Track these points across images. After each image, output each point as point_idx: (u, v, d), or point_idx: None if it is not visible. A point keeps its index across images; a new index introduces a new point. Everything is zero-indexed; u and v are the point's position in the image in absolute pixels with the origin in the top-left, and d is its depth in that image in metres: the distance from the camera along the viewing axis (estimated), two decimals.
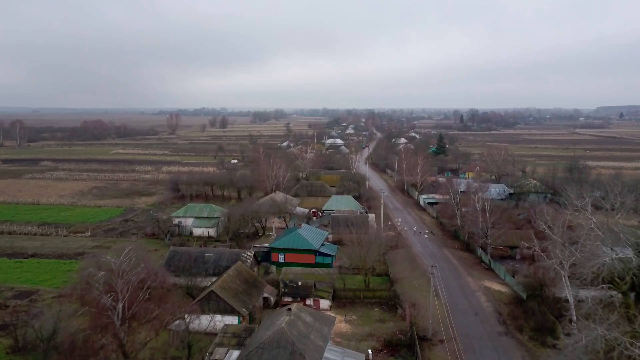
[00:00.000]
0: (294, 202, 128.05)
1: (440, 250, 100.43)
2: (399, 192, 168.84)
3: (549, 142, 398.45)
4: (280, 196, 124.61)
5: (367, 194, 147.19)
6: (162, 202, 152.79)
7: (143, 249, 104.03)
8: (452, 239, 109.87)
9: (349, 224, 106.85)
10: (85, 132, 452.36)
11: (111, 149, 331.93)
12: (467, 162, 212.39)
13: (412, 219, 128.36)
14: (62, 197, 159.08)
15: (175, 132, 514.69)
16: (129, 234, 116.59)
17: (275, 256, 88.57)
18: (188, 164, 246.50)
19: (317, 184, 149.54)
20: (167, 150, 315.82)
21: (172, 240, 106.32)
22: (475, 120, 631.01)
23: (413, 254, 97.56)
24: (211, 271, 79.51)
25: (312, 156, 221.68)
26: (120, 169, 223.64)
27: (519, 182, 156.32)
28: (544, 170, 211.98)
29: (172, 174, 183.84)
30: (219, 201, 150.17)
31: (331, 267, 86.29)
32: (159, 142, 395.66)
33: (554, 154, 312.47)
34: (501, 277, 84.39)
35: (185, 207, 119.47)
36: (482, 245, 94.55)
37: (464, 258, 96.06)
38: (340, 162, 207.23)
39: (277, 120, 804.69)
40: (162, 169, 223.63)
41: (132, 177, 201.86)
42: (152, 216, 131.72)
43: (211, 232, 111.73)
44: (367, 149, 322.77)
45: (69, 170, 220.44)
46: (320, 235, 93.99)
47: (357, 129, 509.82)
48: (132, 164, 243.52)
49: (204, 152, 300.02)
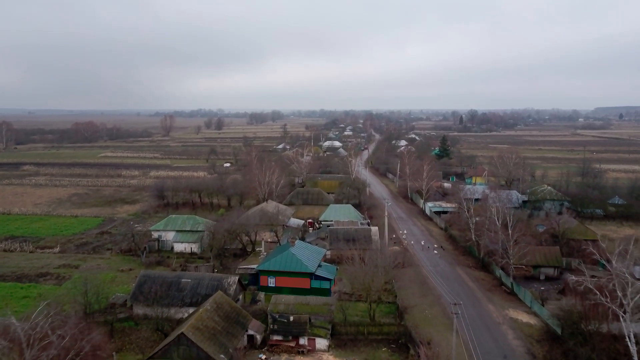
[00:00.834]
0: (288, 212, 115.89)
1: (453, 270, 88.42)
2: (401, 199, 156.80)
3: (552, 144, 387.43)
4: (272, 206, 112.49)
5: (368, 201, 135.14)
6: (145, 211, 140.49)
7: (114, 267, 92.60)
8: (465, 255, 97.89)
9: (350, 239, 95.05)
10: (76, 134, 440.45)
11: (100, 151, 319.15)
12: (473, 166, 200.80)
13: (418, 231, 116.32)
14: (37, 206, 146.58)
15: (169, 134, 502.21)
16: (103, 249, 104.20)
17: (264, 280, 76.45)
18: (178, 168, 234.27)
19: (313, 192, 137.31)
20: (158, 153, 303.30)
21: (149, 257, 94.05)
22: (475, 122, 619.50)
23: (423, 274, 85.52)
24: (188, 300, 67.35)
25: (308, 160, 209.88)
26: (105, 174, 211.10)
27: (532, 188, 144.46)
28: (555, 174, 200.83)
29: (158, 180, 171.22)
30: (206, 210, 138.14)
31: (329, 293, 74.21)
32: (151, 145, 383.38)
33: (560, 156, 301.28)
34: (527, 305, 72.40)
35: (166, 219, 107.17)
36: (502, 265, 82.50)
37: (480, 279, 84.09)
38: (338, 166, 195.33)
39: (274, 121, 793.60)
40: (149, 173, 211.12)
41: (116, 182, 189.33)
42: (130, 228, 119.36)
43: (194, 247, 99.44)
44: (366, 151, 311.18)
45: (51, 175, 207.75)
46: (317, 253, 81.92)
47: (355, 130, 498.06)
48: (119, 168, 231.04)
49: (196, 155, 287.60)
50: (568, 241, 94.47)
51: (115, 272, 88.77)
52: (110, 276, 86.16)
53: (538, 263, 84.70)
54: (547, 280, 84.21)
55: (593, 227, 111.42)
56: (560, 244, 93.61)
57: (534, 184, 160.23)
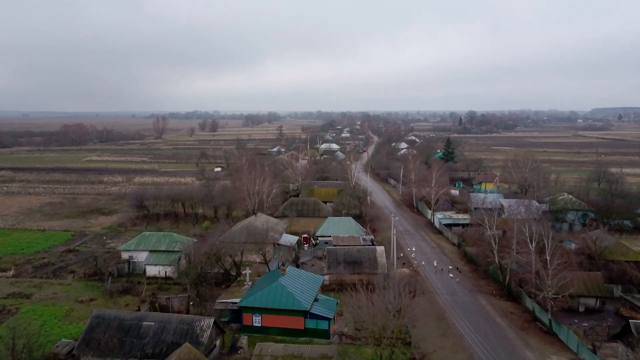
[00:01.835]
0: (280, 227, 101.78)
1: (474, 299, 74.64)
2: (406, 208, 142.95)
3: (556, 146, 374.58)
4: (262, 220, 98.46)
5: (370, 212, 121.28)
6: (121, 223, 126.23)
7: (72, 297, 78.12)
8: (486, 279, 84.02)
9: (352, 262, 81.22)
10: (65, 137, 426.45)
11: (86, 155, 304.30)
12: (481, 170, 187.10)
13: (428, 248, 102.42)
14: (3, 218, 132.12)
15: (162, 136, 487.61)
16: (66, 272, 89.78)
17: (248, 318, 62.42)
18: (166, 173, 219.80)
19: (309, 202, 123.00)
20: (147, 157, 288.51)
21: (115, 284, 79.87)
22: (474, 123, 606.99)
23: (439, 306, 71.72)
24: (150, 350, 53.32)
25: (304, 164, 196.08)
26: (86, 180, 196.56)
27: (552, 196, 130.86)
28: (568, 179, 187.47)
29: (139, 188, 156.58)
30: (190, 222, 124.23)
31: (328, 335, 60.33)
32: (142, 148, 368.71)
33: (567, 159, 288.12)
34: (573, 351, 58.61)
35: (139, 237, 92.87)
36: (534, 294, 68.68)
37: (508, 312, 70.28)
38: (336, 171, 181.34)
39: (270, 123, 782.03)
40: (134, 179, 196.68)
41: (96, 190, 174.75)
42: (102, 243, 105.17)
43: (169, 271, 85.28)
44: (365, 153, 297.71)
45: (27, 182, 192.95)
46: (313, 283, 67.98)
47: (352, 132, 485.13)
48: (102, 173, 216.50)
49: (186, 159, 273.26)
50: (607, 263, 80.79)
51: (73, 304, 74.63)
52: (65, 309, 72.06)
53: (576, 292, 70.97)
54: (588, 313, 70.54)
55: (625, 243, 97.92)
56: (597, 267, 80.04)
57: (555, 192, 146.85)
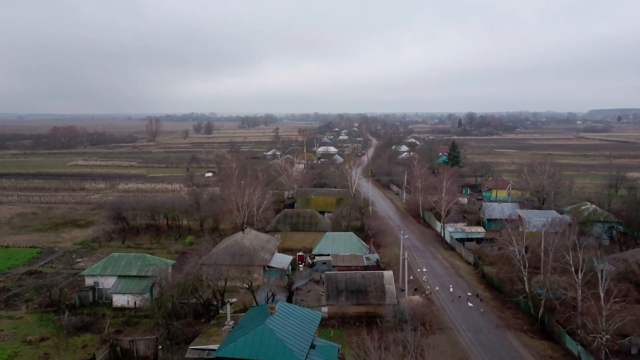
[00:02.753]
0: (271, 244, 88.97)
1: (503, 337, 62.09)
2: (412, 219, 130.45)
3: (559, 148, 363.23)
4: (250, 237, 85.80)
5: (373, 225, 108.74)
6: (96, 238, 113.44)
7: (20, 335, 65.01)
8: (512, 309, 71.50)
9: (355, 289, 68.68)
10: (54, 140, 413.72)
11: (72, 159, 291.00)
12: (489, 176, 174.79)
13: (441, 268, 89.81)
14: None
15: (155, 139, 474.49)
16: (20, 301, 76.96)
17: None
18: (154, 178, 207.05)
19: (305, 214, 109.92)
20: (135, 161, 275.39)
21: (72, 318, 66.96)
22: (474, 125, 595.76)
23: (461, 348, 59.13)
24: None
25: (300, 168, 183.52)
26: (67, 187, 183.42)
27: (573, 206, 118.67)
28: (581, 185, 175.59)
29: (119, 196, 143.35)
30: (172, 237, 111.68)
31: None
32: (133, 151, 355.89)
33: (575, 162, 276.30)
34: None
35: (106, 259, 79.95)
36: (578, 334, 56.25)
37: (547, 357, 57.84)
38: (334, 177, 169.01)
39: (266, 125, 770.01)
40: (118, 186, 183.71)
41: (75, 198, 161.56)
42: (71, 262, 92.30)
43: (139, 301, 72.45)
44: (365, 157, 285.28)
45: (2, 189, 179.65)
46: (308, 324, 55.34)
47: (350, 134, 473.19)
48: (86, 179, 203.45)
49: (177, 163, 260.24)
50: None
51: (19, 345, 61.76)
52: (7, 354, 59.24)
53: (627, 331, 58.59)
54: None
55: None
56: None
57: (570, 199, 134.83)
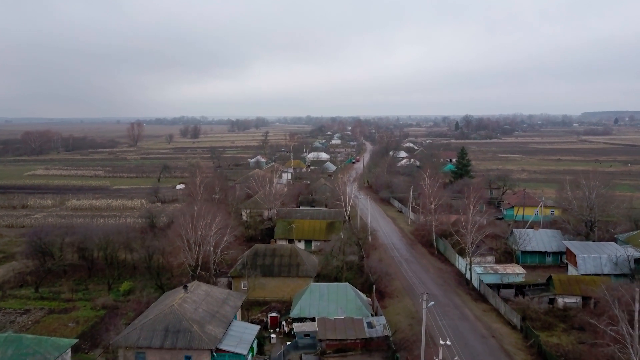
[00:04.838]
0: (229, 305, 60.32)
1: None
2: (422, 248, 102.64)
3: (567, 153, 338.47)
4: (195, 299, 57.55)
5: (375, 265, 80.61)
6: (6, 282, 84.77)
7: None
8: None
9: None
10: (24, 146, 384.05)
11: (32, 167, 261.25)
12: (508, 188, 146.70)
13: (475, 338, 61.50)
14: None
15: (137, 144, 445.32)
16: None
17: None
18: (117, 192, 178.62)
19: (283, 251, 79.35)
20: (102, 170, 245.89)
21: None
22: (471, 128, 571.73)
23: None
24: None
25: (286, 180, 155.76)
26: (6, 204, 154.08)
27: (629, 234, 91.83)
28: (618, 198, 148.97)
29: (41, 226, 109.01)
30: (105, 282, 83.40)
31: None
32: (108, 157, 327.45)
33: (589, 168, 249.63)
34: None
35: None
36: None
37: None
38: (325, 191, 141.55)
39: (257, 128, 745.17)
40: (67, 203, 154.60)
41: (7, 220, 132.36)
42: None
43: None
44: (359, 163, 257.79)
45: None
46: None
47: (343, 138, 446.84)
48: (36, 193, 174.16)
49: (149, 172, 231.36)
50: None
51: None
52: None
53: None
54: None
55: None
56: None
57: (616, 221, 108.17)
